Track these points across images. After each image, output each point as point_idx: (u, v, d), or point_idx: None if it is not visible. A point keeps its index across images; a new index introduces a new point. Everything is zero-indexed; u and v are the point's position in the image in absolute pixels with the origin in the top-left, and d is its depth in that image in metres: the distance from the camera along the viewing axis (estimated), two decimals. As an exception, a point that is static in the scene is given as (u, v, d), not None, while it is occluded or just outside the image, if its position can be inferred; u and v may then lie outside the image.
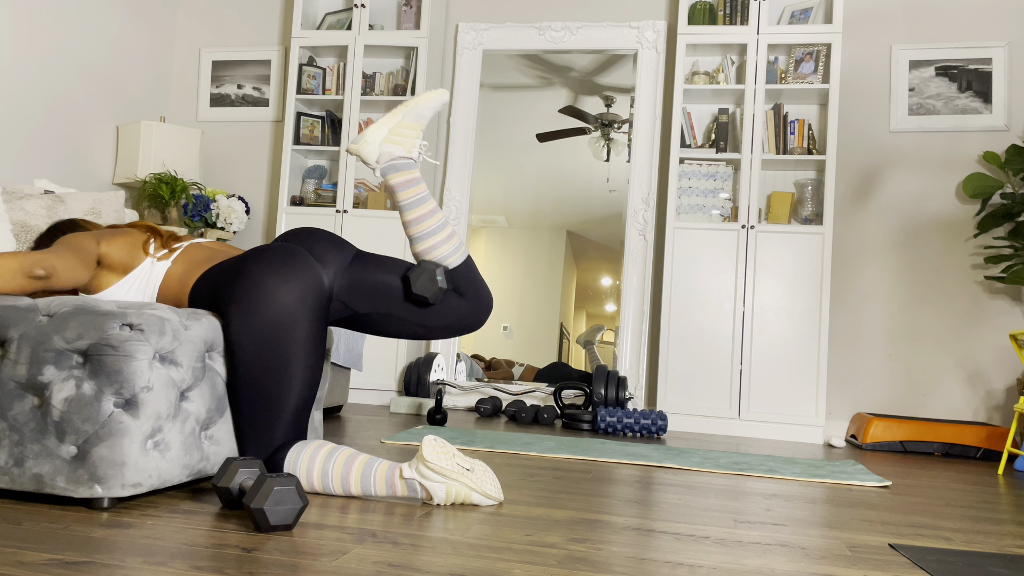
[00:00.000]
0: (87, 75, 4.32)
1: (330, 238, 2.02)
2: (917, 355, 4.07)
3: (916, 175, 4.14)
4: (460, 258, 2.03)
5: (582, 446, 3.04)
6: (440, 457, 1.81)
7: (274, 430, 1.85)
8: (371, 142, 2.06)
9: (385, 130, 2.06)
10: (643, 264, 4.34)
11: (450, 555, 1.42)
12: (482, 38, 4.65)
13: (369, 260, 2.02)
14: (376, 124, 2.07)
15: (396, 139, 2.06)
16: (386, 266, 2.01)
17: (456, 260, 2.02)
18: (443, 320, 2.01)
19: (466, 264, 2.04)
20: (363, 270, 1.98)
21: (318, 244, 1.98)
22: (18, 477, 1.62)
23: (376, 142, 2.06)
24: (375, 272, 1.99)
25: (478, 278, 2.06)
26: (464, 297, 2.02)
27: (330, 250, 1.98)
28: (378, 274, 1.99)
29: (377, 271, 1.99)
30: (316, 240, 2.00)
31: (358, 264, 1.99)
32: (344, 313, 1.98)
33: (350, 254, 2.01)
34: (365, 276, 1.98)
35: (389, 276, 1.99)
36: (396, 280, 1.99)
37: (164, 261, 2.05)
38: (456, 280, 2.03)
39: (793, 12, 4.25)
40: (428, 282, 1.95)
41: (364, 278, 1.98)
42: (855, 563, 1.56)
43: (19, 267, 1.81)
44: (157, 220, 4.42)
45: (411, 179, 2.05)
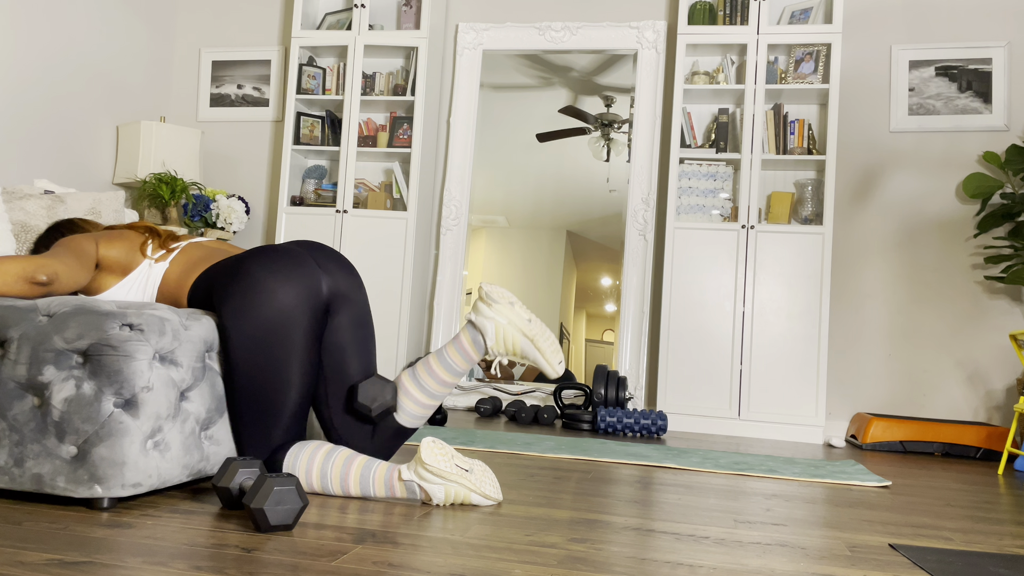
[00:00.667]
0: (87, 75, 4.32)
1: (339, 258, 1.99)
2: (917, 355, 4.07)
3: (916, 175, 4.14)
4: (415, 424, 1.99)
5: (582, 446, 3.04)
6: (438, 459, 1.81)
7: (273, 430, 1.85)
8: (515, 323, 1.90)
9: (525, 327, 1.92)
10: (643, 264, 4.34)
11: (450, 555, 1.42)
12: (482, 38, 4.65)
13: (363, 316, 1.97)
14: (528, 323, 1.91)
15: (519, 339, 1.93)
16: (366, 338, 1.96)
17: (410, 423, 1.98)
18: (345, 427, 1.95)
19: (405, 433, 2.00)
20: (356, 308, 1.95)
21: (326, 257, 1.96)
22: (18, 477, 1.62)
23: (516, 330, 1.90)
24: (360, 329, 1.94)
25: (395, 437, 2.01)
26: (372, 439, 1.97)
27: (336, 268, 1.95)
28: (361, 329, 1.94)
29: (362, 326, 1.94)
30: (326, 253, 1.97)
31: (357, 323, 1.96)
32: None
33: (355, 281, 1.98)
34: (351, 320, 1.95)
35: (359, 346, 1.94)
36: (354, 370, 1.93)
37: (162, 262, 2.05)
38: (382, 417, 1.94)
39: (793, 12, 4.25)
40: (373, 403, 1.87)
41: (348, 321, 1.94)
42: (855, 563, 1.56)
43: (22, 272, 1.81)
44: (157, 220, 4.42)
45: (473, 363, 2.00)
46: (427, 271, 4.61)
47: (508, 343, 1.85)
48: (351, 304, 1.96)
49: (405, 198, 4.46)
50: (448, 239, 4.56)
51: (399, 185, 4.52)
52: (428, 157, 4.56)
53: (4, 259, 1.82)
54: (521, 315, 1.87)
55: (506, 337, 1.84)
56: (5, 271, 1.80)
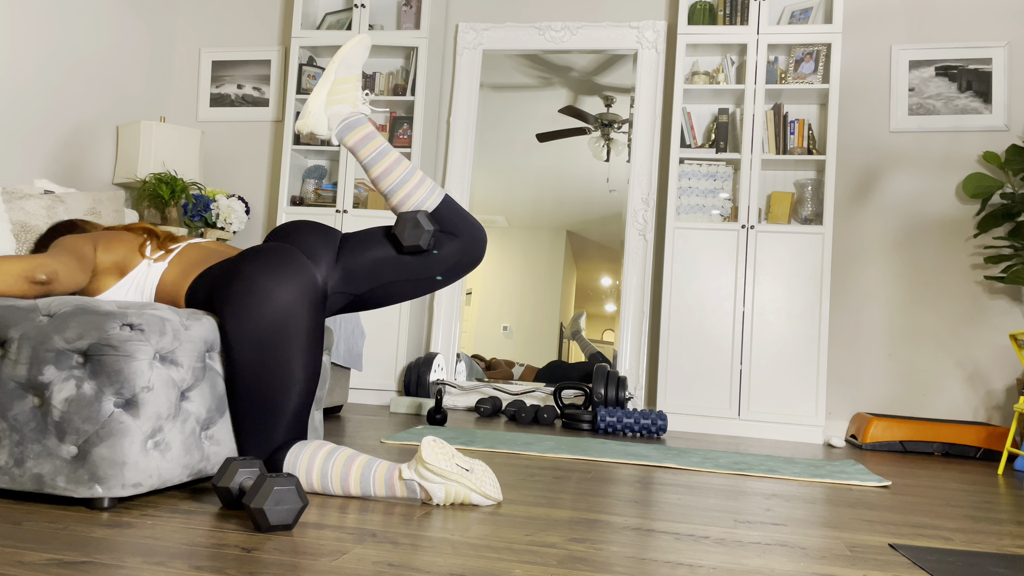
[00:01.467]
0: (87, 75, 4.32)
1: (317, 229, 2.00)
2: (917, 355, 4.07)
3: (916, 175, 4.14)
4: (437, 199, 2.00)
5: (582, 446, 3.04)
6: (439, 458, 1.81)
7: (273, 430, 1.85)
8: (315, 111, 2.02)
9: (323, 95, 2.03)
10: (643, 264, 4.34)
11: (450, 555, 1.42)
12: (482, 38, 4.65)
13: (354, 241, 1.99)
14: (313, 93, 2.04)
15: (337, 99, 2.03)
16: (372, 238, 1.99)
17: (434, 202, 1.99)
18: (444, 264, 1.99)
19: (446, 203, 2.01)
20: (352, 254, 1.97)
21: (307, 238, 1.97)
22: (18, 477, 1.62)
23: (319, 110, 2.03)
24: (364, 250, 1.97)
25: (464, 213, 2.03)
26: (457, 236, 2.00)
27: (319, 244, 1.97)
28: (368, 251, 1.97)
29: (365, 248, 1.97)
30: (304, 234, 1.98)
31: (346, 250, 1.97)
32: (346, 300, 1.98)
33: (336, 241, 2.00)
34: (356, 260, 1.96)
35: (378, 248, 1.97)
36: (386, 249, 1.97)
37: (160, 263, 2.05)
38: (442, 221, 2.00)
39: (793, 12, 4.25)
40: (414, 230, 1.92)
41: (356, 262, 1.96)
42: (855, 563, 1.56)
43: (21, 272, 1.81)
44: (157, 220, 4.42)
45: (366, 135, 2.03)
46: (427, 271, 4.61)
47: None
48: (344, 249, 1.98)
49: (405, 198, 4.45)
50: (448, 239, 4.56)
51: (399, 185, 4.51)
52: (428, 157, 4.56)
53: (3, 258, 1.82)
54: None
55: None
56: (4, 270, 1.80)
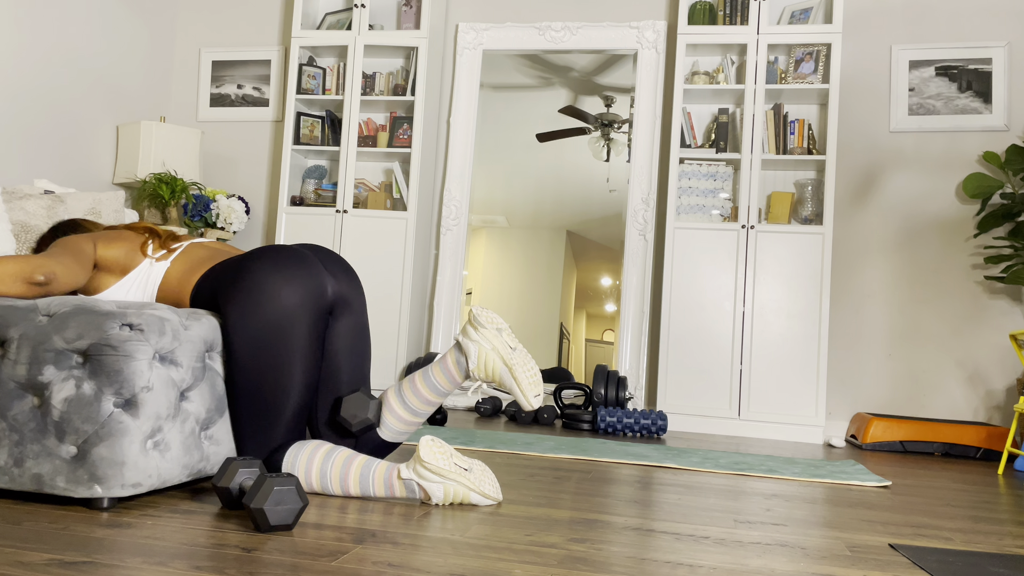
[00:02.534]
0: (87, 75, 4.32)
1: (346, 265, 2.01)
2: (917, 355, 4.07)
3: (916, 175, 4.14)
4: (397, 439, 2.02)
5: (582, 446, 3.04)
6: (437, 457, 1.81)
7: (273, 430, 1.85)
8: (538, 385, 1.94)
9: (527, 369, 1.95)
10: (643, 264, 4.34)
11: (450, 555, 1.42)
12: (482, 38, 4.65)
13: (362, 340, 1.99)
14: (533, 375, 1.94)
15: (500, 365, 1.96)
16: (357, 361, 1.99)
17: (393, 438, 2.00)
18: (329, 437, 1.98)
19: (386, 447, 2.02)
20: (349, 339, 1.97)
21: (332, 261, 1.98)
22: (18, 477, 1.62)
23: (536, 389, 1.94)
24: (358, 341, 1.97)
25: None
26: (355, 447, 2.00)
27: (342, 273, 1.97)
28: (358, 342, 1.97)
29: (358, 340, 1.97)
30: (332, 258, 1.99)
31: (355, 333, 1.98)
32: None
33: (357, 292, 2.00)
34: (351, 331, 1.96)
35: (347, 370, 1.96)
36: (345, 380, 1.96)
37: (163, 261, 2.05)
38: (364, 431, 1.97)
39: (793, 12, 4.25)
40: (356, 410, 1.90)
41: (349, 332, 1.96)
42: (855, 563, 1.56)
43: (19, 272, 1.81)
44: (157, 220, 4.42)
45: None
46: (427, 271, 4.61)
47: (488, 368, 1.88)
48: (352, 312, 1.98)
49: (405, 198, 4.46)
50: (448, 239, 4.57)
51: (399, 185, 4.52)
52: (428, 157, 4.56)
53: (2, 259, 1.82)
54: (506, 342, 1.90)
55: (487, 362, 1.86)
56: (3, 271, 1.80)
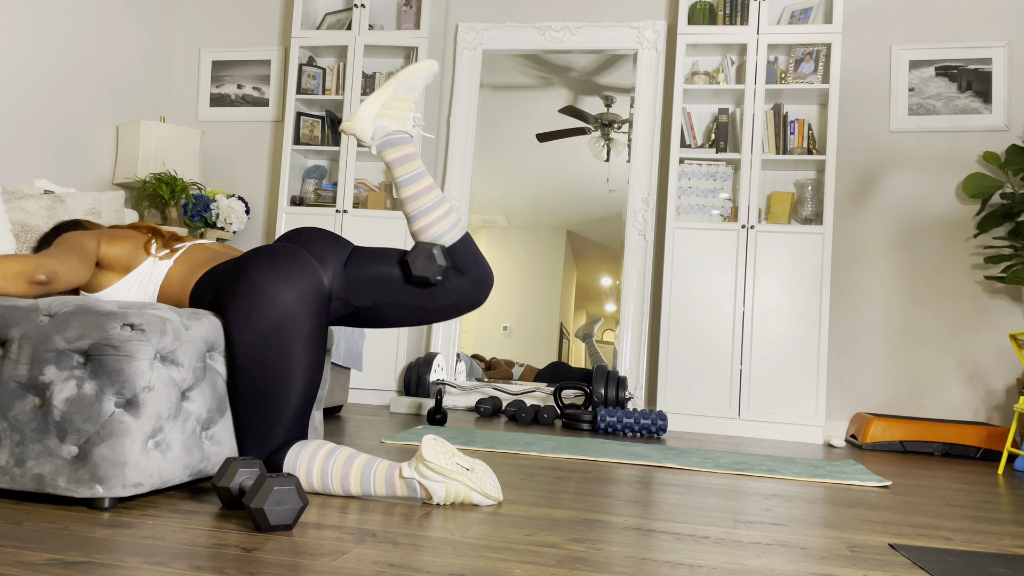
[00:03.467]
0: (87, 75, 4.32)
1: (328, 237, 2.01)
2: (917, 355, 4.07)
3: (916, 175, 4.14)
4: (458, 235, 2.00)
5: (582, 446, 3.04)
6: (440, 457, 1.81)
7: (274, 430, 1.85)
8: (364, 118, 2.03)
9: (377, 105, 2.04)
10: (643, 264, 4.34)
11: (450, 555, 1.42)
12: (482, 38, 4.65)
13: (365, 254, 2.00)
14: (368, 100, 2.05)
15: (389, 113, 2.03)
16: (382, 257, 1.99)
17: (453, 237, 2.00)
18: (446, 300, 1.98)
19: (464, 241, 2.01)
20: (360, 265, 1.97)
21: (317, 243, 1.98)
22: (19, 477, 1.62)
23: (370, 118, 2.03)
24: (372, 265, 1.97)
25: (477, 254, 2.03)
26: (464, 274, 1.99)
27: (329, 248, 1.98)
28: (375, 266, 1.97)
29: (374, 263, 1.97)
30: (315, 239, 1.99)
31: (355, 260, 1.98)
32: (345, 310, 1.98)
33: (347, 251, 2.01)
34: (363, 271, 1.97)
35: (386, 266, 1.97)
36: (394, 269, 1.97)
37: (166, 261, 2.06)
38: (455, 257, 2.00)
39: (793, 12, 4.25)
40: (427, 262, 1.92)
41: (362, 273, 1.96)
42: (855, 563, 1.56)
43: (21, 271, 1.81)
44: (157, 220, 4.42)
45: (406, 154, 2.03)
46: (427, 271, 4.61)
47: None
48: (353, 260, 1.98)
49: (405, 198, 4.45)
50: (448, 239, 4.56)
51: (399, 185, 4.52)
52: (428, 157, 4.56)
53: (3, 258, 1.82)
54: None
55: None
56: (4, 270, 1.80)
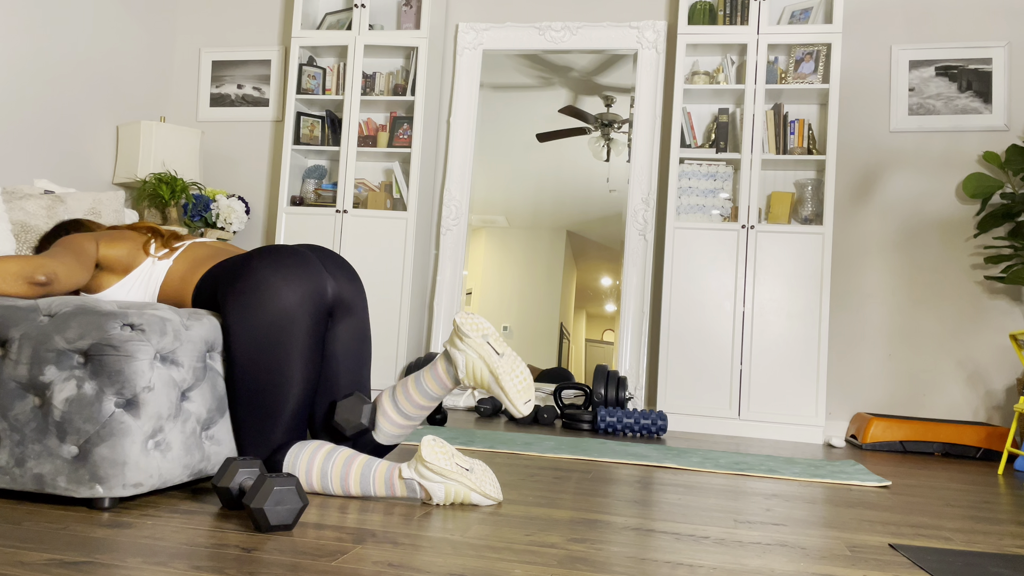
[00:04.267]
0: (87, 75, 4.32)
1: (352, 277, 2.01)
2: (917, 355, 4.07)
3: (916, 175, 4.14)
4: (392, 442, 2.02)
5: (582, 446, 3.04)
6: (439, 457, 1.81)
7: (273, 430, 1.85)
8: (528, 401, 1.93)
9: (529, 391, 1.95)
10: (643, 264, 4.34)
11: (450, 555, 1.42)
12: (482, 38, 4.65)
13: (363, 344, 2.00)
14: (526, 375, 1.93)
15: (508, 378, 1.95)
16: (356, 365, 1.99)
17: (387, 441, 2.01)
18: (327, 437, 1.99)
19: (381, 450, 2.03)
20: (349, 343, 1.97)
21: (333, 265, 1.98)
22: (19, 477, 1.62)
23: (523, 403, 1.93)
24: (347, 360, 1.97)
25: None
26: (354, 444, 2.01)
27: (343, 277, 1.98)
28: (346, 360, 1.97)
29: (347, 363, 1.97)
30: (333, 261, 2.00)
31: (355, 337, 1.99)
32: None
33: (362, 296, 2.01)
34: (341, 345, 1.97)
35: (345, 375, 1.97)
36: (343, 383, 1.97)
37: (165, 260, 2.06)
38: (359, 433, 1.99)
39: (793, 12, 4.25)
40: (350, 414, 1.91)
41: (339, 344, 1.96)
42: (855, 563, 1.56)
43: (20, 272, 1.81)
44: (157, 220, 4.42)
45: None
46: (427, 271, 4.61)
47: (476, 377, 1.88)
48: (353, 316, 1.98)
49: (405, 198, 4.46)
50: (448, 239, 4.57)
51: (399, 185, 4.52)
52: (428, 157, 4.56)
53: (3, 259, 1.82)
54: (492, 349, 1.88)
55: (475, 371, 1.87)
56: (4, 271, 1.80)
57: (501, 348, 1.90)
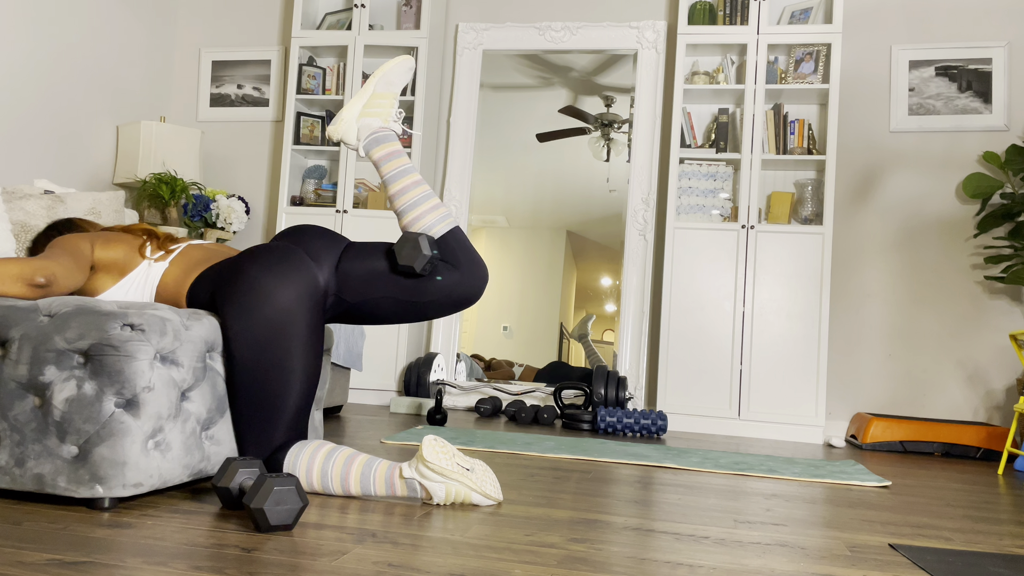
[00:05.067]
0: (87, 75, 4.32)
1: (324, 234, 2.00)
2: (917, 355, 4.07)
3: (916, 175, 4.14)
4: (447, 227, 1.98)
5: (582, 446, 3.04)
6: (440, 457, 1.81)
7: (273, 430, 1.85)
8: (347, 120, 2.05)
9: (359, 106, 2.06)
10: (643, 264, 4.34)
11: (450, 555, 1.42)
12: (482, 38, 4.65)
13: (356, 249, 1.98)
14: (350, 102, 2.08)
15: (372, 111, 2.05)
16: (372, 251, 1.97)
17: (442, 229, 1.98)
18: (437, 294, 1.94)
19: (455, 234, 1.99)
20: (352, 260, 1.96)
21: (313, 242, 1.97)
22: (19, 477, 1.62)
23: (352, 119, 2.05)
24: (363, 259, 1.95)
25: (469, 248, 1.99)
26: (456, 268, 1.96)
27: (324, 245, 1.97)
28: (366, 260, 1.95)
29: (364, 257, 1.95)
30: (311, 238, 1.98)
31: (348, 255, 1.97)
32: (340, 307, 1.96)
33: (341, 247, 1.99)
34: (354, 266, 1.95)
35: (376, 260, 1.95)
36: (381, 262, 1.95)
37: (161, 263, 2.05)
38: (446, 250, 1.97)
39: (793, 12, 4.25)
40: (412, 251, 1.88)
41: (353, 268, 1.95)
42: (855, 563, 1.56)
43: (19, 274, 1.81)
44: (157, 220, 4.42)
45: (392, 151, 2.04)
46: (427, 271, 4.61)
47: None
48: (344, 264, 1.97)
49: (405, 198, 4.45)
50: (448, 239, 4.56)
51: (399, 185, 4.51)
52: (428, 157, 4.56)
53: (2, 261, 1.82)
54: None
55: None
56: (3, 272, 1.80)
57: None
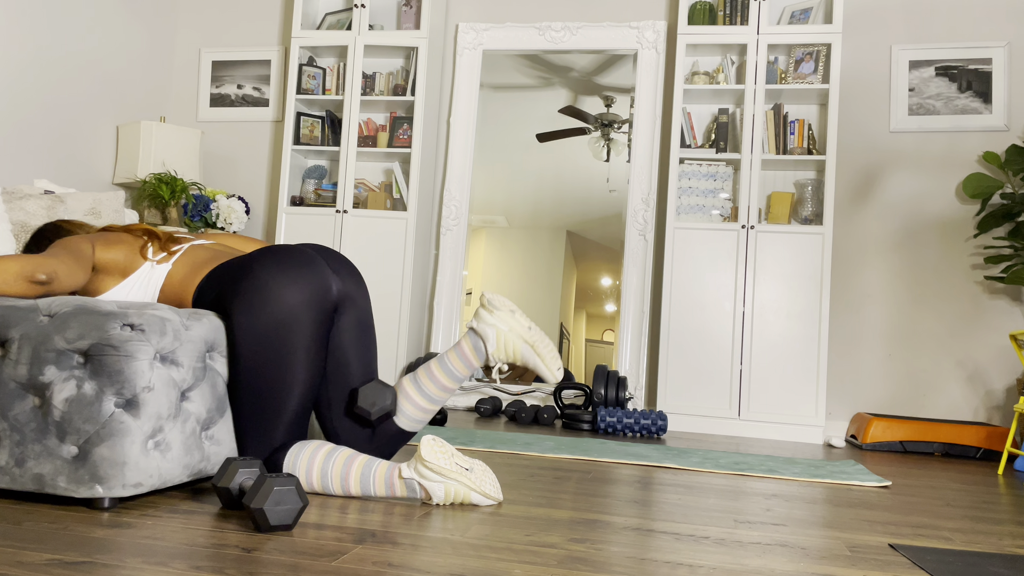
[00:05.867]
0: (87, 75, 4.32)
1: (354, 273, 2.02)
2: (917, 355, 4.07)
3: (916, 175, 4.14)
4: (414, 428, 2.03)
5: (582, 446, 3.04)
6: (439, 457, 1.81)
7: (274, 430, 1.85)
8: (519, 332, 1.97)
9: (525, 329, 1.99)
10: (643, 264, 4.34)
11: (450, 555, 1.42)
12: (482, 38, 4.65)
13: (368, 333, 2.00)
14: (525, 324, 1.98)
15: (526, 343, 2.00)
16: (364, 353, 2.00)
17: (410, 426, 2.02)
18: (345, 429, 1.99)
19: (404, 436, 2.04)
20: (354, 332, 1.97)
21: (336, 262, 1.99)
22: (19, 477, 1.62)
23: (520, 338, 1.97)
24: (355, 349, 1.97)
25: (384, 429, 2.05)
26: (371, 441, 2.01)
27: (346, 274, 1.98)
28: (355, 349, 1.97)
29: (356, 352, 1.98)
30: (336, 259, 2.00)
31: (360, 327, 1.99)
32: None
33: (365, 296, 2.01)
34: (348, 335, 1.97)
35: (356, 363, 1.98)
36: (355, 372, 1.97)
37: (164, 264, 2.05)
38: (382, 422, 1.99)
39: (793, 12, 4.25)
40: (376, 397, 1.92)
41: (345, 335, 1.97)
42: (855, 563, 1.56)
43: (20, 271, 1.81)
44: (157, 220, 4.42)
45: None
46: (427, 271, 4.61)
47: (509, 349, 1.90)
48: (356, 308, 1.99)
49: (405, 198, 4.46)
50: (448, 239, 4.57)
51: (399, 185, 4.52)
52: (428, 157, 4.56)
53: (3, 258, 1.82)
54: (522, 322, 1.95)
55: (507, 343, 1.88)
56: (4, 269, 1.80)
57: (527, 322, 1.95)
